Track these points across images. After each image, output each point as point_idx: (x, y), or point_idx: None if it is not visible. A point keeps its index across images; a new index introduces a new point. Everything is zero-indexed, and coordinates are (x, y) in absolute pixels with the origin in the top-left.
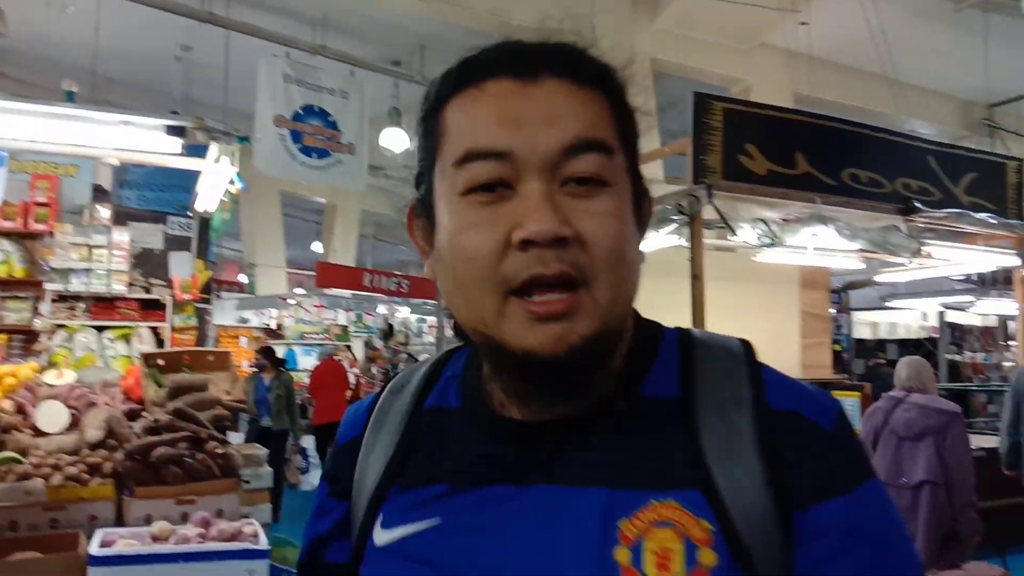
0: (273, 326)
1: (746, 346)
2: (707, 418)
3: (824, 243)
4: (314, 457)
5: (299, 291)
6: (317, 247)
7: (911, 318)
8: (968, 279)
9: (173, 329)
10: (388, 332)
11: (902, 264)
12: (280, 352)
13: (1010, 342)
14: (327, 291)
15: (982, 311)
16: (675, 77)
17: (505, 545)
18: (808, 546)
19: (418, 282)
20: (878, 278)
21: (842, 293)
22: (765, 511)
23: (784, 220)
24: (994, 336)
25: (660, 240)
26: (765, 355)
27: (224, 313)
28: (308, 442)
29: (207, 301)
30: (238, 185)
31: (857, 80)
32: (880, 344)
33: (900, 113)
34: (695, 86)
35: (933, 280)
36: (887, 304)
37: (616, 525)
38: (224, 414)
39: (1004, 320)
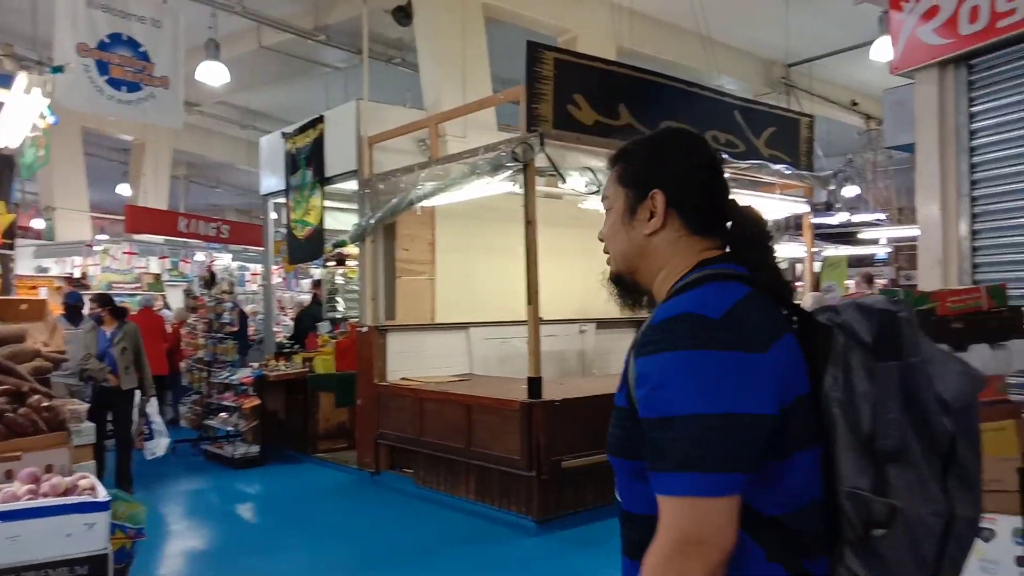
0: (77, 275)
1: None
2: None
3: None
4: (158, 423)
5: (104, 237)
6: (124, 190)
7: None
8: None
9: None
10: (210, 280)
11: None
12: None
13: (797, 283)
14: (138, 237)
15: (779, 254)
16: (508, 24)
17: None
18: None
19: (239, 228)
20: None
21: None
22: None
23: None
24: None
25: (495, 186)
26: (589, 295)
27: (20, 260)
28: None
29: (10, 247)
30: (49, 119)
31: (674, 36)
32: None
33: (711, 69)
34: (527, 35)
35: None
36: None
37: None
38: (46, 366)
39: (793, 263)
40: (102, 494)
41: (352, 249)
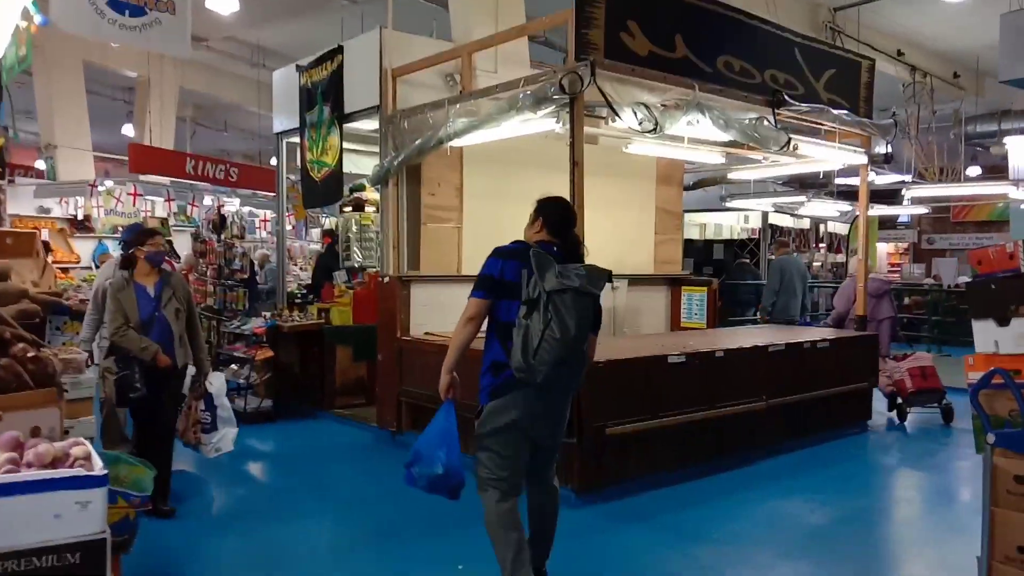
0: (80, 216)
1: None
2: None
3: (700, 132)
4: (224, 408)
5: (108, 182)
6: (128, 131)
7: (734, 219)
8: (788, 183)
9: None
10: (220, 223)
11: (758, 161)
12: (88, 248)
13: (820, 244)
14: (143, 178)
15: (811, 212)
16: None
17: None
18: None
19: (249, 171)
20: (733, 175)
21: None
22: None
23: (663, 106)
24: (807, 237)
25: (535, 124)
26: (623, 249)
27: (19, 200)
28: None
29: None
30: (37, 19)
31: None
32: (708, 244)
33: (756, 7)
34: None
35: (759, 183)
36: (727, 204)
37: None
38: (33, 308)
39: (817, 223)
40: (98, 466)
41: (371, 194)
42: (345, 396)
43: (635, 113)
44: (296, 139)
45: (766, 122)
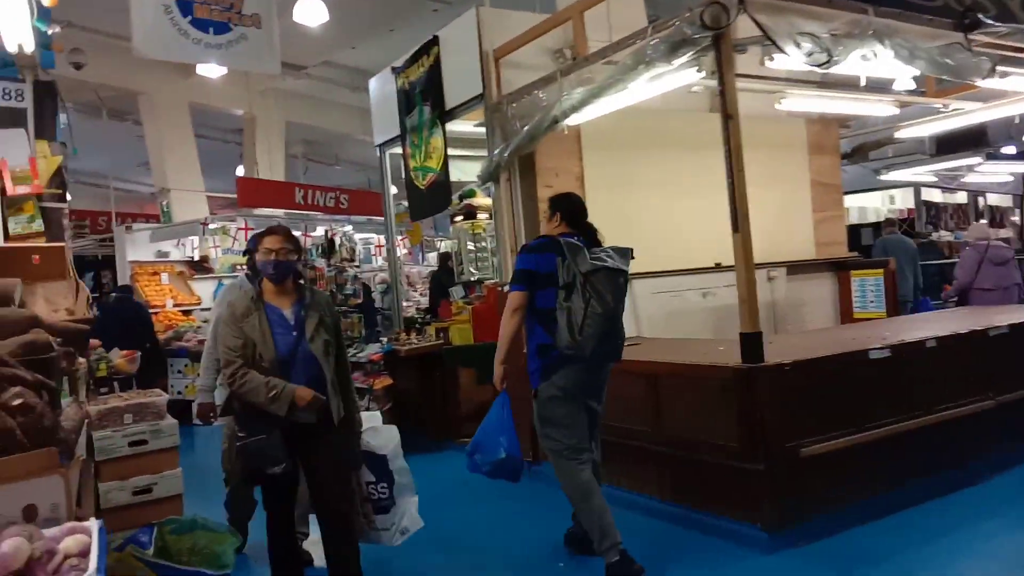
0: (196, 257)
1: None
2: None
3: (876, 70)
4: (400, 471)
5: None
6: (240, 172)
7: (879, 201)
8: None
9: (7, 237)
10: (330, 247)
11: (936, 111)
12: (208, 289)
13: (981, 220)
14: (255, 212)
15: (978, 180)
16: None
17: None
18: None
19: (359, 197)
20: (901, 133)
21: None
22: None
23: (832, 34)
24: (966, 213)
25: (669, 80)
26: (776, 232)
27: (138, 247)
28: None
29: (61, 198)
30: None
31: None
32: (854, 229)
33: None
34: None
35: (908, 156)
36: (880, 178)
37: None
38: (43, 339)
39: (976, 196)
40: (93, 566)
41: (484, 200)
42: (472, 423)
43: (798, 45)
44: (399, 149)
45: (962, 48)
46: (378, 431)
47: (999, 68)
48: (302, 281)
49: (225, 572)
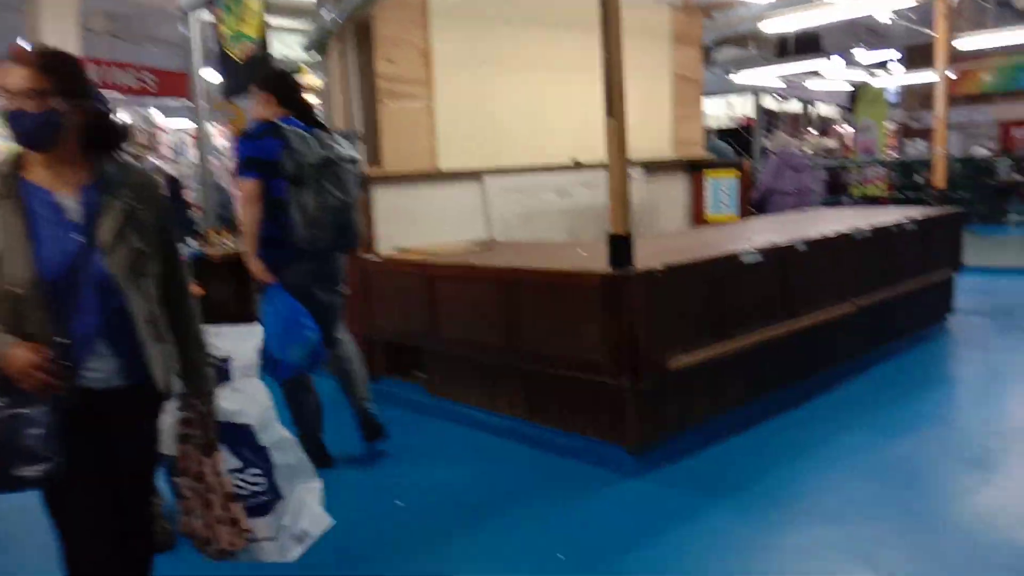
0: None
1: None
2: None
3: None
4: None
5: None
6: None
7: (718, 108)
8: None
9: None
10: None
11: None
12: None
13: (810, 129)
14: None
15: (821, 87)
16: None
17: None
18: None
19: (171, 78)
20: (767, 24)
21: None
22: None
23: None
24: (798, 122)
25: None
26: (636, 129)
27: None
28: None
29: None
30: None
31: None
32: None
33: None
34: None
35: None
36: (733, 78)
37: None
38: None
39: (807, 104)
40: None
41: (316, 81)
42: None
43: None
44: (209, 16)
45: None
46: (235, 389)
47: None
48: (105, 149)
49: None
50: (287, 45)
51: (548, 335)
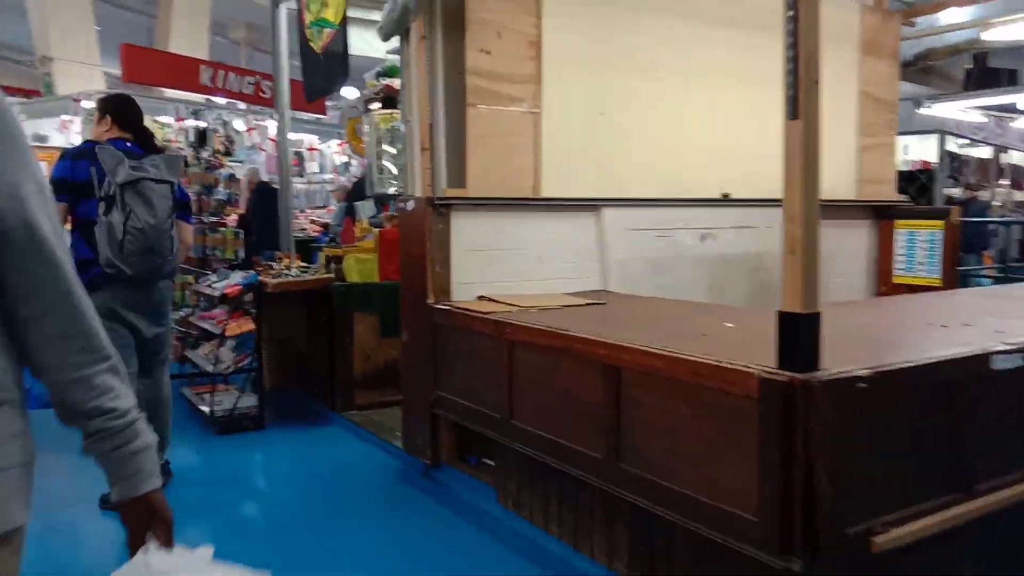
0: (78, 143)
1: None
2: None
3: None
4: None
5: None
6: None
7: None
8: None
9: None
10: (201, 138)
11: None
12: None
13: (1002, 180)
14: (153, 92)
15: None
16: None
17: None
18: None
19: (299, 88)
20: (990, 34)
21: None
22: None
23: None
24: (987, 169)
25: None
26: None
27: None
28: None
29: None
30: None
31: None
32: None
33: None
34: None
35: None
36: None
37: None
38: None
39: (998, 152)
40: None
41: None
42: (370, 390)
43: None
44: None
45: None
46: None
47: None
48: None
49: None
50: (374, 47)
51: (670, 458)
